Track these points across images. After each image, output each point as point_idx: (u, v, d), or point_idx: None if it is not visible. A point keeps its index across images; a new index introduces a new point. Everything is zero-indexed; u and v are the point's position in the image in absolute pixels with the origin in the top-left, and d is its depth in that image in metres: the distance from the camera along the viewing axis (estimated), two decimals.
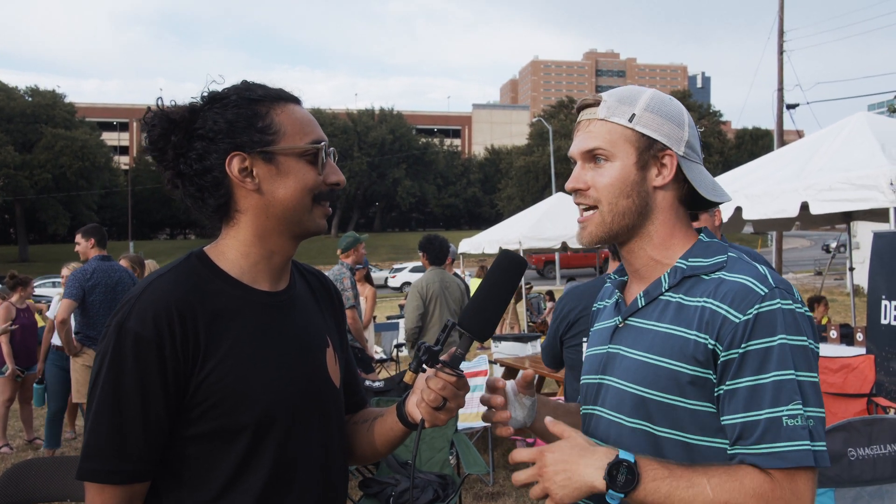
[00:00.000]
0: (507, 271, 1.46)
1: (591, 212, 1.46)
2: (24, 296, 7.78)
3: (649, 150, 1.42)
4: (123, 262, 6.53)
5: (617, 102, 1.44)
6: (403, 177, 70.00)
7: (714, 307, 1.33)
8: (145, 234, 69.43)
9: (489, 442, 6.31)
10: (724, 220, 7.53)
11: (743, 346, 1.29)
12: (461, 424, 5.51)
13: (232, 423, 1.37)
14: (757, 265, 1.38)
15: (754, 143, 66.89)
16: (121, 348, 1.32)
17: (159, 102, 1.46)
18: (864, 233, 18.75)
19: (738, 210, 7.48)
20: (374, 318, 13.29)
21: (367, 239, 6.81)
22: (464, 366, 6.80)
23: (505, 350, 8.36)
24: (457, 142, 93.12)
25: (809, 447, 1.24)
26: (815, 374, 1.29)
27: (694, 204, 1.49)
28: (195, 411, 1.36)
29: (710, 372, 1.32)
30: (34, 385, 7.22)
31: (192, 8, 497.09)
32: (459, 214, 77.23)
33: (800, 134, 20.04)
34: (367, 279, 8.59)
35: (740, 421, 1.28)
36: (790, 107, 22.95)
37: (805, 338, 1.30)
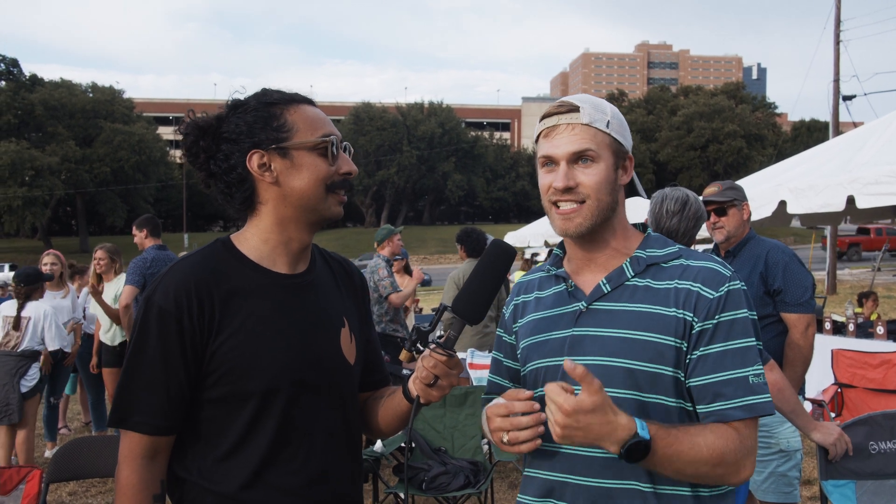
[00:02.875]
0: (497, 260, 1.60)
1: (577, 205, 1.58)
2: (81, 285, 8.11)
3: (619, 153, 1.61)
4: (101, 254, 6.93)
5: (594, 110, 1.58)
6: (452, 170, 69.98)
7: (688, 286, 1.55)
8: (199, 227, 70.88)
9: None
10: (769, 213, 7.44)
11: (716, 317, 1.53)
12: None
13: (240, 391, 1.55)
14: (709, 255, 1.62)
15: (810, 136, 65.24)
16: (147, 319, 1.55)
17: (190, 113, 1.65)
18: None
19: (783, 204, 7.36)
20: (420, 309, 13.43)
21: (402, 231, 6.97)
22: (483, 359, 6.81)
23: None
24: (506, 135, 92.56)
25: (769, 399, 1.52)
26: (760, 342, 1.58)
27: None
28: (210, 378, 1.55)
29: (684, 342, 1.52)
30: (71, 374, 7.44)
31: (245, 4, 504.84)
32: (508, 208, 76.97)
33: (856, 126, 19.50)
34: (406, 270, 8.75)
35: (714, 380, 1.50)
36: (847, 98, 22.35)
37: (755, 313, 1.58)
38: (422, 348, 1.59)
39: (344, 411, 1.69)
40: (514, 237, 14.80)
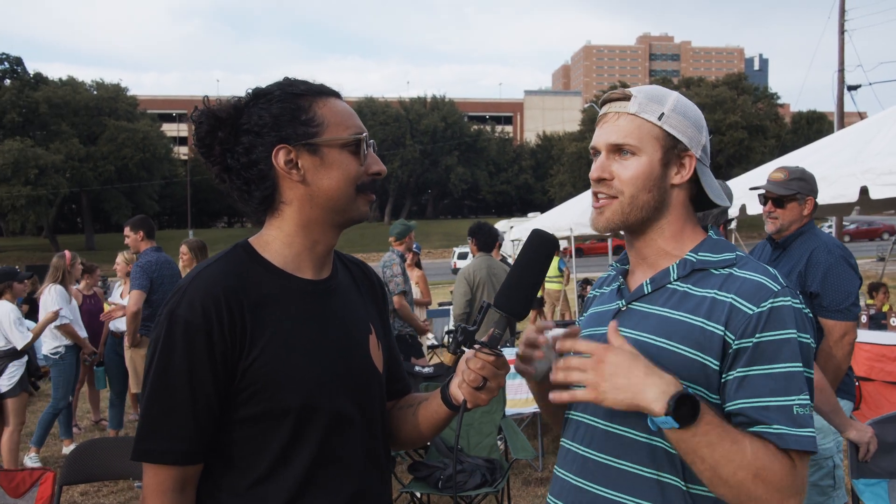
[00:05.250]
0: (538, 250, 1.49)
1: (608, 200, 1.50)
2: (90, 283, 8.09)
3: (673, 150, 1.49)
4: (184, 248, 6.71)
5: (647, 100, 1.49)
6: (455, 164, 69.93)
7: (724, 298, 1.40)
8: (204, 223, 71.00)
9: (538, 428, 6.34)
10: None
11: (756, 336, 1.36)
12: (510, 410, 5.55)
13: (277, 407, 1.42)
14: (766, 266, 1.46)
15: (810, 127, 64.96)
16: (172, 334, 1.39)
17: (205, 101, 1.51)
18: None
19: None
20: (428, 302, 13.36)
21: (415, 226, 6.95)
22: (508, 352, 6.84)
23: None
24: (508, 128, 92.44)
25: (814, 436, 1.35)
26: (812, 371, 1.40)
27: (698, 205, 1.57)
28: (242, 395, 1.42)
29: (712, 359, 1.39)
30: (94, 368, 7.56)
31: (248, 0, 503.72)
32: (511, 201, 76.84)
33: (861, 116, 19.39)
34: (416, 263, 8.79)
35: (752, 405, 1.35)
36: (851, 88, 22.22)
37: (809, 336, 1.40)
38: (465, 349, 1.49)
39: (378, 424, 1.60)
40: (520, 230, 14.75)
